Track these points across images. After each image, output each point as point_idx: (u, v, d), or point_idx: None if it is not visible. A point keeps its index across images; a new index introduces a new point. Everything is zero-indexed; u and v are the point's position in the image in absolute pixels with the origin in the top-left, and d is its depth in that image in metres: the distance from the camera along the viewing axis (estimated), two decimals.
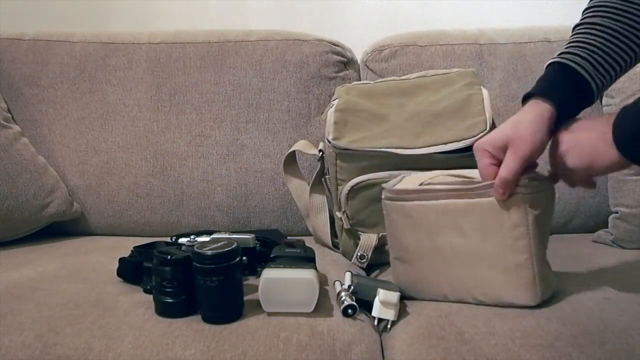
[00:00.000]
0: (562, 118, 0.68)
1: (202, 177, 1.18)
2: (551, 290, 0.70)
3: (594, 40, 0.69)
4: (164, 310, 0.69)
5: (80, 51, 1.24)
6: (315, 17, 1.46)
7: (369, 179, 0.91)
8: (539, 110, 0.68)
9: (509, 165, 0.65)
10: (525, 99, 0.71)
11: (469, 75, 0.98)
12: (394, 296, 0.70)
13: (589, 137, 0.64)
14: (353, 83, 1.06)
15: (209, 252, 0.66)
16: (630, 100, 0.61)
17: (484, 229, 0.67)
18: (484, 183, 0.67)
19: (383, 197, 0.76)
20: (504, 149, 0.67)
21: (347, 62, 1.24)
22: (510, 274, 0.67)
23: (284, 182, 1.13)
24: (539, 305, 0.68)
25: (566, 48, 0.71)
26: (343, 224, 0.96)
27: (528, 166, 0.67)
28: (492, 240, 0.67)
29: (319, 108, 1.20)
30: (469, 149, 0.86)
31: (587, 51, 0.69)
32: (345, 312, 0.70)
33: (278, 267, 0.71)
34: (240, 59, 1.21)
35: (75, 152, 1.21)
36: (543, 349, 0.59)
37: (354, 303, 0.70)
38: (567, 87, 0.69)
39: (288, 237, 0.97)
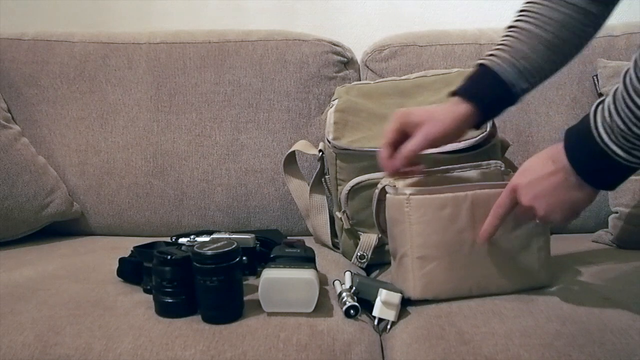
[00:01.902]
0: (485, 117, 0.74)
1: (202, 177, 1.18)
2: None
3: (522, 46, 0.71)
4: (164, 310, 0.69)
5: (80, 51, 1.24)
6: (315, 17, 1.46)
7: (369, 179, 0.91)
8: (458, 110, 0.72)
9: (414, 141, 0.71)
10: (452, 94, 0.75)
11: None
12: (395, 297, 0.70)
13: (556, 192, 0.63)
14: (353, 83, 1.06)
15: (209, 252, 0.66)
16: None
17: (515, 218, 0.71)
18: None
19: (407, 193, 0.71)
20: (415, 126, 0.72)
21: (347, 62, 1.24)
22: (534, 257, 0.74)
23: (284, 182, 1.13)
24: (539, 305, 0.68)
25: (496, 49, 0.73)
26: (343, 224, 0.96)
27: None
28: (524, 226, 0.73)
29: (319, 108, 1.20)
30: (469, 149, 0.87)
31: (514, 57, 0.71)
32: (347, 313, 0.70)
33: (278, 267, 0.71)
34: (240, 59, 1.21)
35: (75, 152, 1.21)
36: (542, 349, 0.59)
37: (356, 304, 0.70)
38: (491, 92, 0.72)
39: (288, 237, 0.97)
